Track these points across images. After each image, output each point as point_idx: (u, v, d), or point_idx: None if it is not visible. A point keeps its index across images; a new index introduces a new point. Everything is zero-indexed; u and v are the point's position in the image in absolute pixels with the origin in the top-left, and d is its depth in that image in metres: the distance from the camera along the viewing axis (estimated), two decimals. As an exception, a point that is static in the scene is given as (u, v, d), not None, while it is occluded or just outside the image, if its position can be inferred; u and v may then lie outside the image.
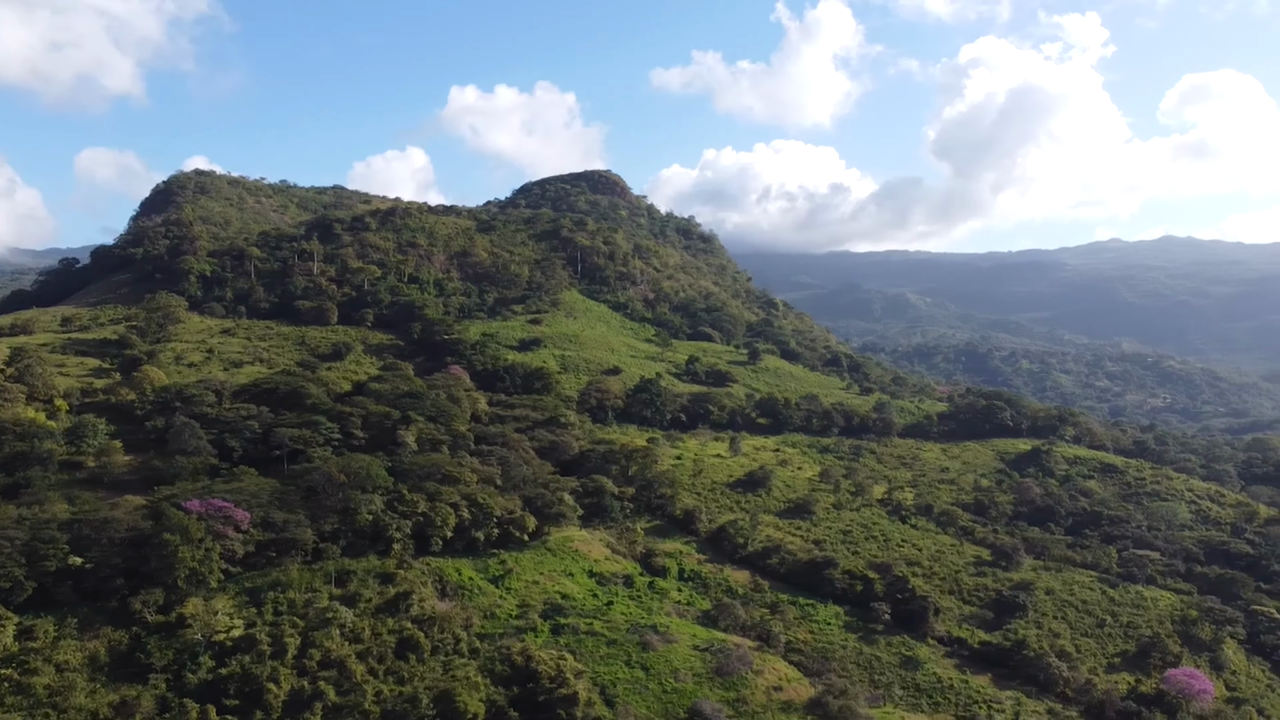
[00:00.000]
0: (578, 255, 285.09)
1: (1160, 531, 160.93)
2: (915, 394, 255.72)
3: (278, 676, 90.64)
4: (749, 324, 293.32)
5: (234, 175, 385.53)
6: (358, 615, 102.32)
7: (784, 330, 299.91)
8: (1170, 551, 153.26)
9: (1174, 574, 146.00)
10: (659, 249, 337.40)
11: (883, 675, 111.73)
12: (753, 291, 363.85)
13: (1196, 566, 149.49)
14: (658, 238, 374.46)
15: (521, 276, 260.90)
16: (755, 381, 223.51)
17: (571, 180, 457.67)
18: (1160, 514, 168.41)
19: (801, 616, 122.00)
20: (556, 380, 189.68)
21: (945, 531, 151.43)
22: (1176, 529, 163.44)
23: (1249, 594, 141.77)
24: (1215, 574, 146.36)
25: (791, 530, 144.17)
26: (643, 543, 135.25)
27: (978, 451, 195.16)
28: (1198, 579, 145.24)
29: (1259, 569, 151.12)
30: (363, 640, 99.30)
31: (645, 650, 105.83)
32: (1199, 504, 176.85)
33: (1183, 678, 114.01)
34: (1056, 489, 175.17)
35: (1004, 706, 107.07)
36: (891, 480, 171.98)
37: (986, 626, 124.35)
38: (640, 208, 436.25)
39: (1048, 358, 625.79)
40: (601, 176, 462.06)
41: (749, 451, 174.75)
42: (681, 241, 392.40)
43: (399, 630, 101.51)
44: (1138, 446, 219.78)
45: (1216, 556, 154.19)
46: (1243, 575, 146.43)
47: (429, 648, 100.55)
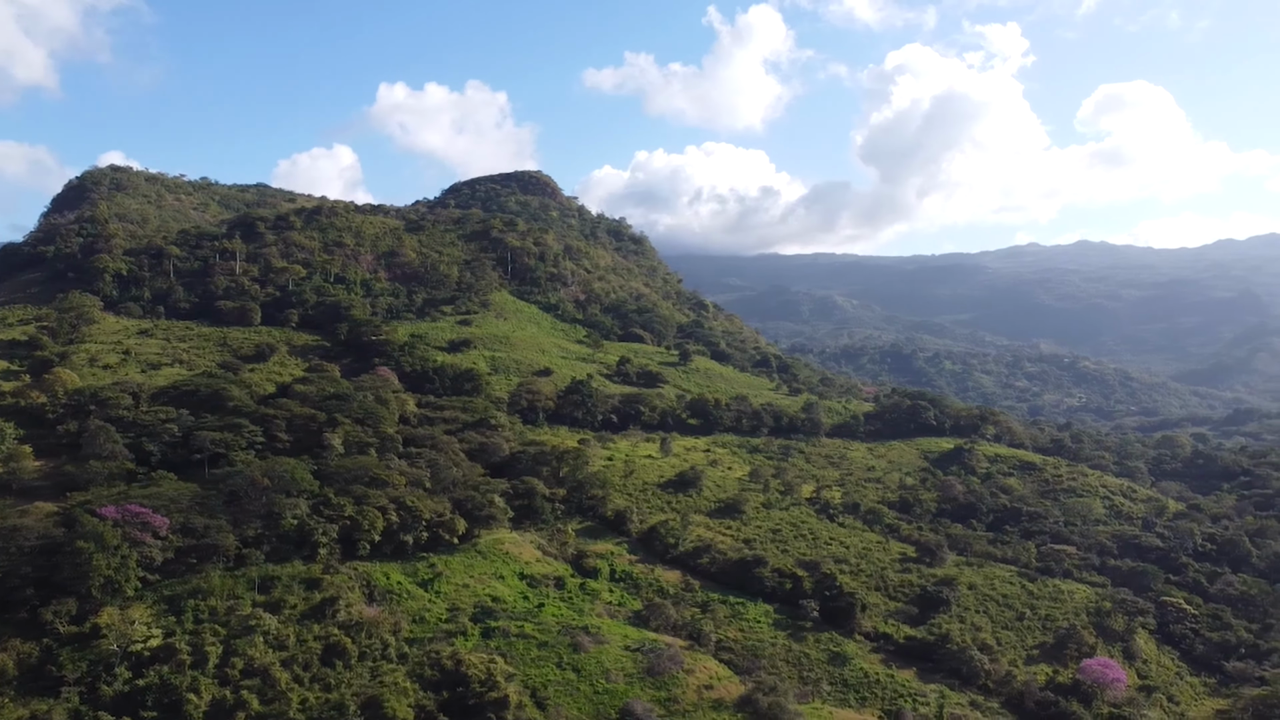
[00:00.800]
0: (508, 256, 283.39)
1: (1076, 527, 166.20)
2: (843, 394, 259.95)
3: (198, 686, 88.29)
4: (680, 325, 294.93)
5: (152, 172, 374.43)
6: (282, 622, 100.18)
7: (714, 331, 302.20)
8: (1086, 546, 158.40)
9: (1089, 567, 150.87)
10: (590, 250, 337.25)
11: (811, 671, 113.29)
12: (683, 293, 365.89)
13: (1110, 560, 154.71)
14: (589, 239, 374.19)
15: (451, 277, 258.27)
16: (686, 382, 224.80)
17: (502, 180, 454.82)
18: (1076, 510, 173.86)
19: (732, 615, 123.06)
20: (487, 382, 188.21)
21: (872, 529, 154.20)
22: (1091, 524, 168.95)
23: (1159, 585, 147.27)
24: (1128, 567, 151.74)
25: (722, 530, 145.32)
26: (574, 544, 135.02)
27: (903, 450, 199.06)
28: (1111, 572, 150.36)
29: (1168, 561, 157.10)
30: (287, 647, 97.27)
31: (577, 652, 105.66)
32: (1112, 499, 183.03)
33: (1097, 667, 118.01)
34: (978, 486, 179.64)
35: (928, 699, 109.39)
36: (820, 479, 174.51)
37: (912, 621, 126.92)
38: (571, 209, 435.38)
39: (970, 359, 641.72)
40: (532, 177, 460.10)
41: (680, 452, 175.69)
42: (612, 243, 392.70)
43: (325, 636, 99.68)
44: (1055, 445, 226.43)
45: (1129, 550, 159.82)
46: (1153, 567, 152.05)
47: (356, 654, 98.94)
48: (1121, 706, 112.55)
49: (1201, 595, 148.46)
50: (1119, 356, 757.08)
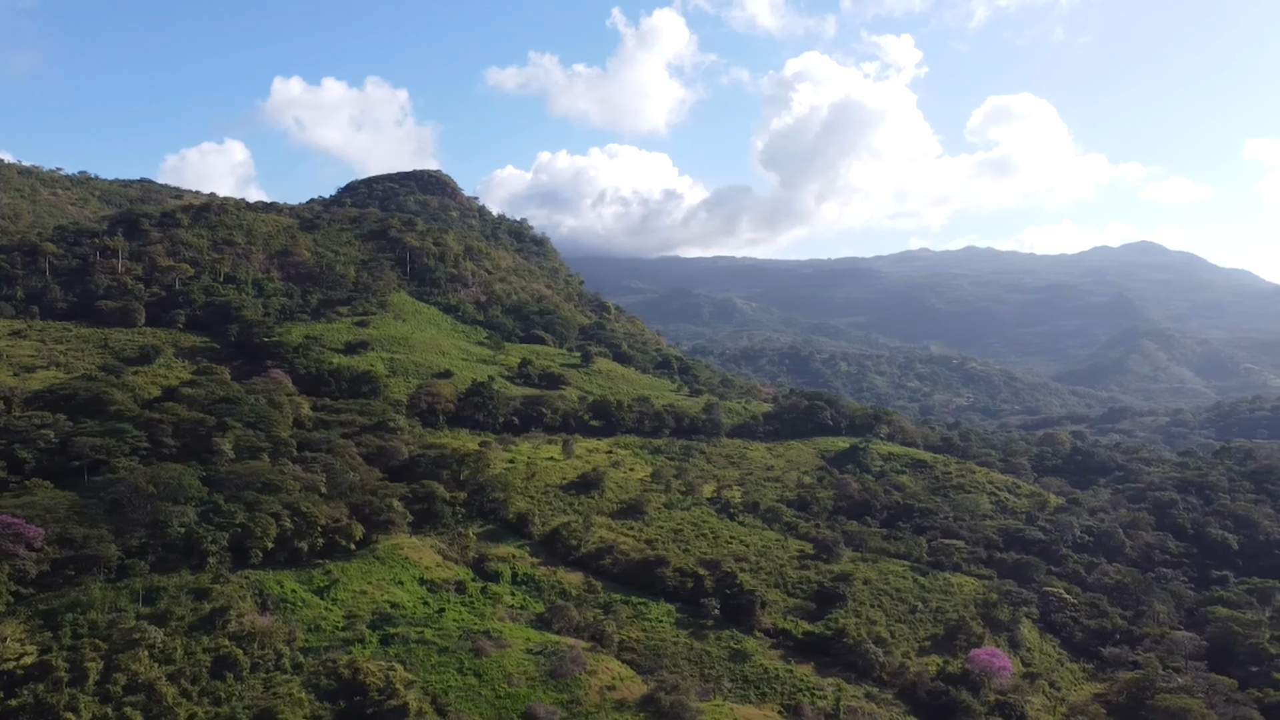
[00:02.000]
0: (407, 256, 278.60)
1: (965, 521, 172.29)
2: (742, 395, 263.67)
3: (77, 705, 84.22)
4: (582, 327, 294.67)
5: (26, 164, 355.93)
6: (169, 634, 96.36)
7: (616, 333, 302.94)
8: (974, 540, 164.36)
9: (977, 560, 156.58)
10: (491, 251, 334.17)
11: (713, 669, 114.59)
12: (585, 295, 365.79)
13: (996, 553, 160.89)
14: (489, 240, 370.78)
15: (348, 277, 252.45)
16: (588, 384, 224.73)
17: (400, 179, 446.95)
18: (965, 505, 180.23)
19: (634, 615, 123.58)
20: (385, 384, 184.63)
21: (771, 527, 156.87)
22: (979, 519, 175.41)
23: (1041, 576, 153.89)
24: (1012, 559, 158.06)
25: (624, 531, 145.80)
26: (475, 548, 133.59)
27: (801, 450, 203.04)
28: (997, 564, 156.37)
29: (1050, 553, 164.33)
30: (174, 661, 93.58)
31: (478, 656, 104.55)
32: (998, 495, 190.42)
33: (985, 657, 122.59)
34: (873, 484, 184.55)
35: (826, 693, 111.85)
36: (720, 479, 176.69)
37: (809, 617, 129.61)
38: (472, 209, 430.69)
39: (864, 360, 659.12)
40: (432, 176, 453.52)
41: (582, 453, 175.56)
42: (514, 244, 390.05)
43: (215, 648, 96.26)
44: (945, 443, 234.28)
45: (1014, 543, 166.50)
46: (1036, 559, 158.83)
47: (248, 665, 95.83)
48: (1007, 694, 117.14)
49: (1080, 585, 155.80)
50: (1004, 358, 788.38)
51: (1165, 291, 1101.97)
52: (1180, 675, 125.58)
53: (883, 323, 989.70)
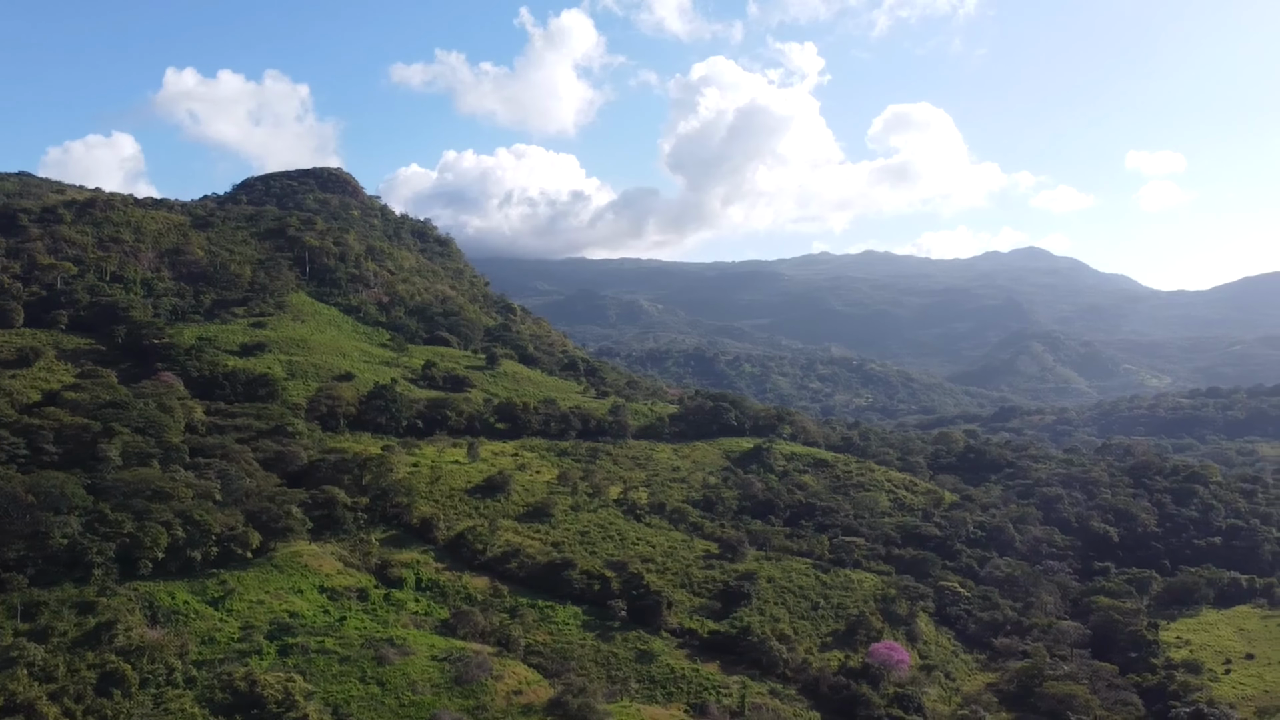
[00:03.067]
0: (306, 256, 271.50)
1: (865, 519, 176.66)
2: (649, 397, 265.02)
3: (-51, 728, 79.51)
4: (487, 329, 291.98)
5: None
6: (50, 651, 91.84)
7: (522, 335, 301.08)
8: (873, 537, 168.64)
9: (876, 557, 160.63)
10: (394, 251, 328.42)
11: (620, 670, 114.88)
12: (491, 296, 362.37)
13: (895, 549, 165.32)
14: (392, 239, 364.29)
15: (243, 277, 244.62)
16: (494, 386, 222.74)
17: (299, 177, 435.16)
18: (864, 503, 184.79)
19: (541, 619, 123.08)
20: (283, 387, 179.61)
21: (677, 528, 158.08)
22: (878, 516, 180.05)
23: (937, 571, 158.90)
24: (910, 555, 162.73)
25: (531, 534, 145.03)
26: (378, 554, 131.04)
27: (706, 450, 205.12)
28: (896, 560, 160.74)
29: (945, 548, 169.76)
30: (56, 679, 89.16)
31: (381, 665, 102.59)
32: (896, 492, 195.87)
33: (884, 650, 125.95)
34: (776, 484, 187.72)
35: (731, 690, 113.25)
36: (627, 481, 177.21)
37: (715, 616, 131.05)
38: (374, 208, 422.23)
39: (768, 361, 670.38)
40: (332, 174, 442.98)
41: (488, 457, 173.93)
42: (417, 244, 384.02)
43: (100, 664, 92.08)
44: (845, 442, 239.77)
45: (911, 539, 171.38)
46: (932, 555, 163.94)
47: (137, 681, 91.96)
48: (905, 686, 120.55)
49: (973, 578, 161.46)
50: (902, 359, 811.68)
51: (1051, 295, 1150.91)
52: (1066, 663, 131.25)
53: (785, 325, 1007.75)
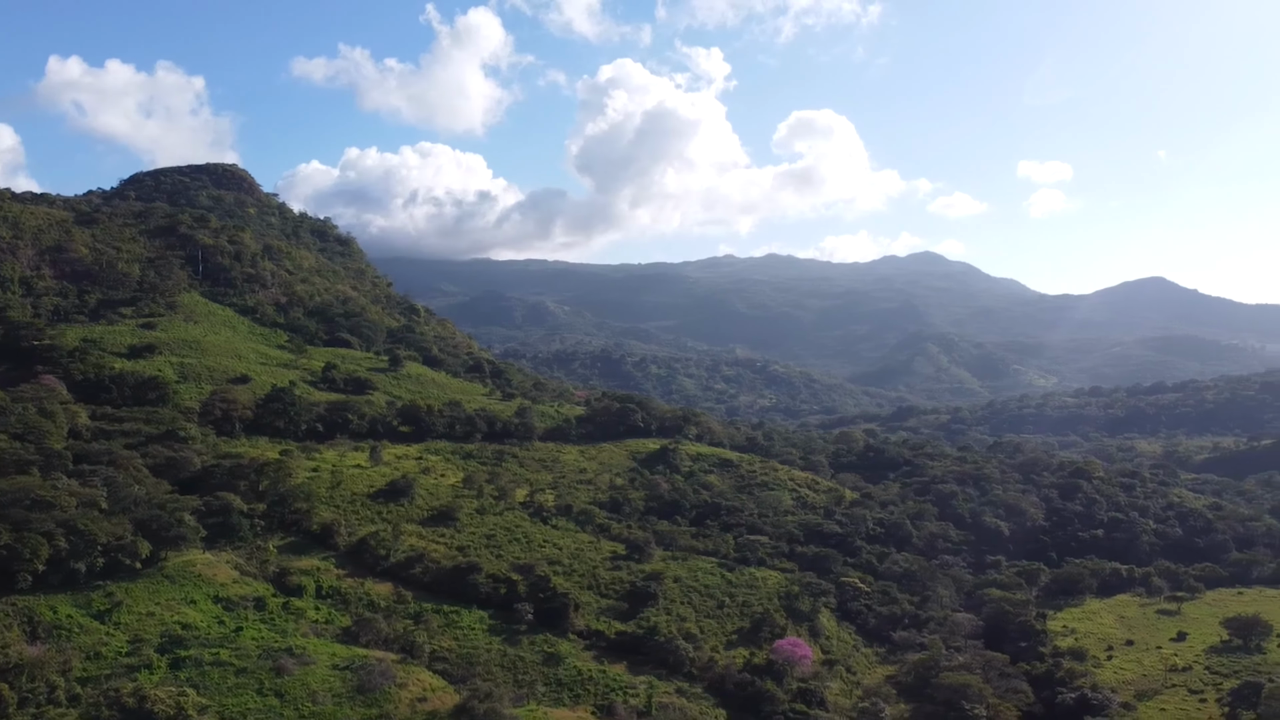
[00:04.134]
0: (199, 255, 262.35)
1: (769, 518, 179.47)
2: (555, 398, 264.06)
3: None
4: (390, 330, 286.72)
5: None
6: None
7: (426, 337, 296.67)
8: (777, 535, 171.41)
9: (780, 555, 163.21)
10: (292, 250, 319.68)
11: (526, 674, 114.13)
12: (394, 297, 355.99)
13: (798, 547, 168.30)
14: (291, 239, 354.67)
15: (131, 276, 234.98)
16: (397, 389, 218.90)
17: (191, 173, 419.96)
18: (768, 502, 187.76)
19: (446, 624, 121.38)
20: (174, 390, 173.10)
21: (584, 530, 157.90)
22: (781, 514, 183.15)
23: (838, 568, 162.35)
24: (812, 552, 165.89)
25: (435, 538, 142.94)
26: (276, 561, 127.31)
27: (613, 452, 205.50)
28: (799, 558, 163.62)
29: (846, 545, 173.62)
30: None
31: (279, 675, 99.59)
32: (799, 491, 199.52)
33: (788, 647, 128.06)
34: (682, 484, 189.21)
35: (638, 691, 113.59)
36: (533, 483, 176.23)
37: (622, 617, 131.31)
38: (271, 206, 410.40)
39: (674, 363, 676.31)
40: (227, 170, 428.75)
41: (391, 460, 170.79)
42: (317, 244, 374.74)
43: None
44: (749, 442, 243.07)
45: (813, 536, 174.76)
46: (833, 552, 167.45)
47: (15, 701, 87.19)
48: (808, 681, 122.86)
49: (873, 574, 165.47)
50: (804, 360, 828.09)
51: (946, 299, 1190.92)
52: (960, 654, 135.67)
53: (691, 326, 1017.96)
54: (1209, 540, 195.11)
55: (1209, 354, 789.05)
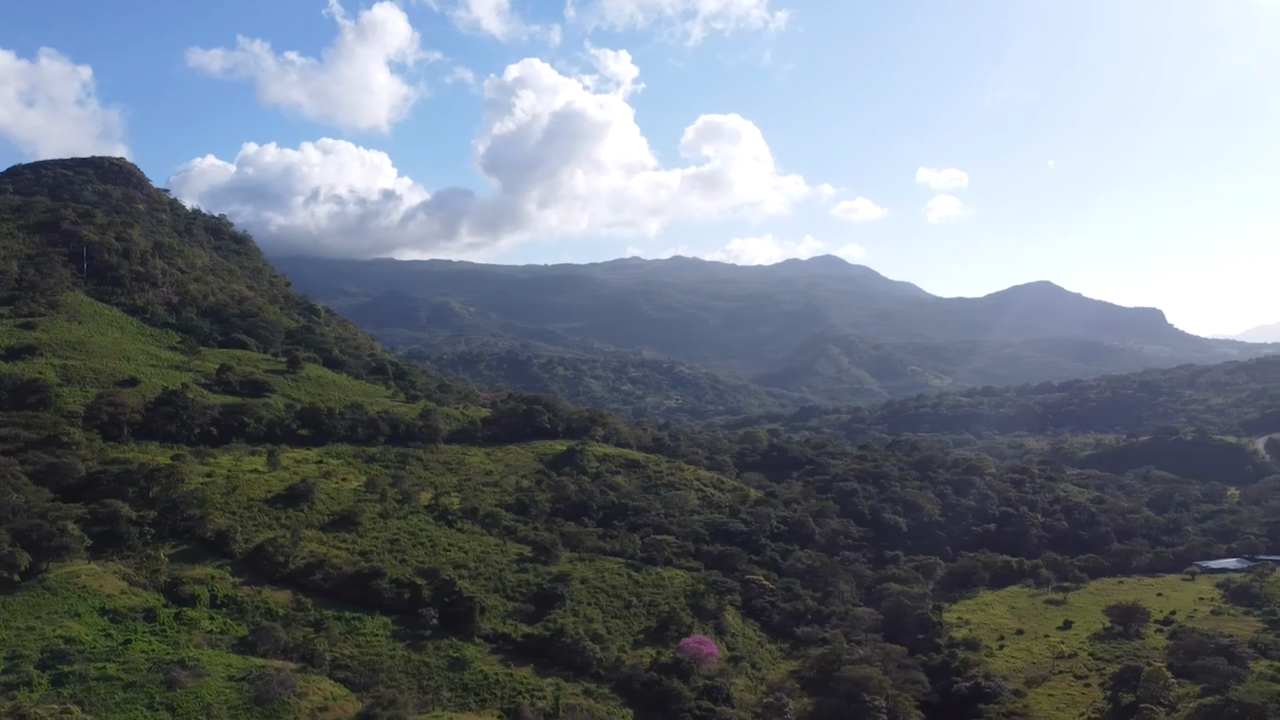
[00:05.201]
0: (84, 252, 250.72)
1: (675, 517, 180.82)
2: (460, 400, 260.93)
3: None
4: (289, 331, 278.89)
5: None
6: None
7: (327, 338, 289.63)
8: (683, 534, 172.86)
9: (686, 554, 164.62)
10: (185, 249, 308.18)
11: (431, 680, 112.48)
12: (293, 297, 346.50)
13: (704, 545, 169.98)
14: (183, 236, 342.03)
15: (9, 274, 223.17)
16: (296, 391, 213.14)
17: (76, 166, 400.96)
18: (675, 502, 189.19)
19: (348, 631, 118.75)
20: (57, 393, 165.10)
21: (490, 532, 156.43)
22: (688, 514, 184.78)
23: (743, 565, 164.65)
24: (718, 550, 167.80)
25: (337, 543, 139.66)
26: (167, 571, 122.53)
27: (519, 454, 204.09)
28: (705, 556, 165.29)
29: (751, 543, 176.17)
30: None
31: (171, 689, 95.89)
32: (705, 491, 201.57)
33: (694, 645, 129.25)
34: (589, 485, 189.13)
35: (545, 693, 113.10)
36: (438, 486, 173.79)
37: (529, 619, 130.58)
38: (162, 202, 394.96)
39: (580, 364, 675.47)
40: (114, 164, 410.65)
41: (289, 464, 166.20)
42: (212, 241, 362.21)
43: None
44: (656, 443, 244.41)
45: (719, 535, 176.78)
46: (738, 550, 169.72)
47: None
48: (714, 678, 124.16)
49: (777, 571, 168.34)
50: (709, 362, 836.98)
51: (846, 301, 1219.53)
52: (861, 647, 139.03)
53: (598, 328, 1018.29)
54: (1092, 532, 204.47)
55: (1092, 355, 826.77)
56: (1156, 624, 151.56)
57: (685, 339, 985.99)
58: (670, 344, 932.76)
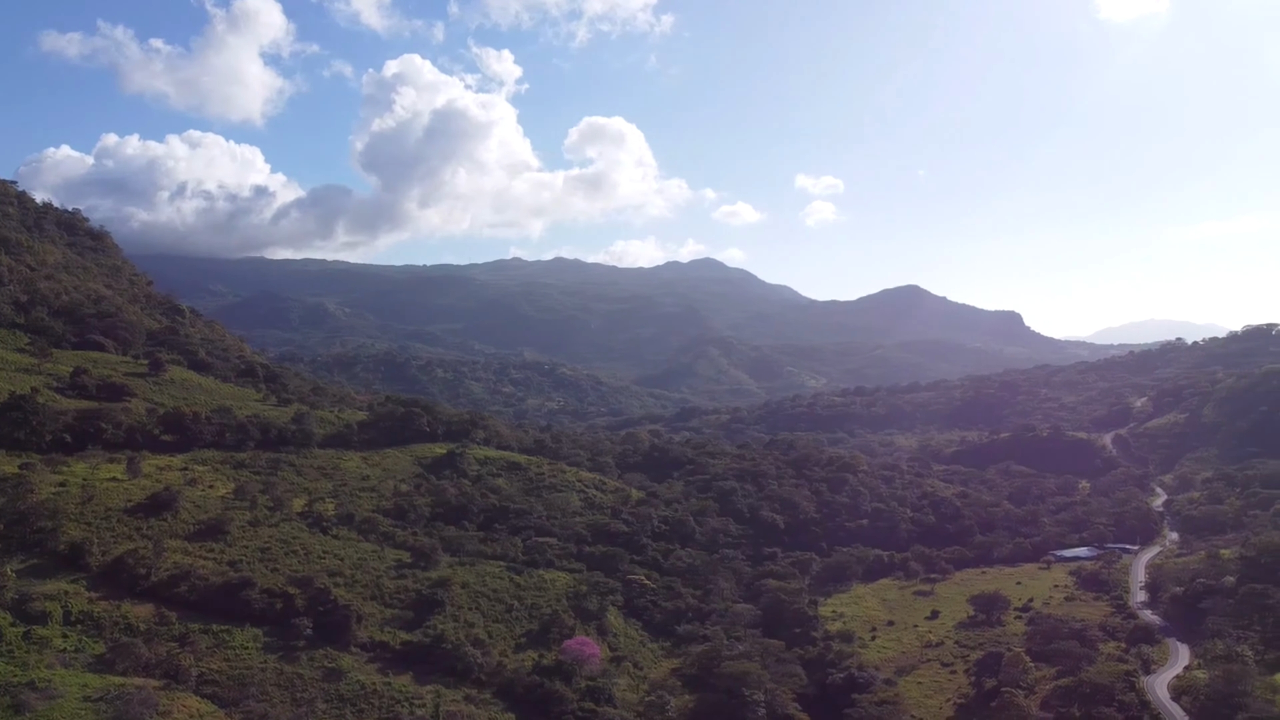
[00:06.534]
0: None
1: (557, 519, 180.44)
2: (336, 403, 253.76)
3: None
4: (151, 332, 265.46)
5: None
6: None
7: (193, 339, 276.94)
8: (565, 536, 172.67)
9: (569, 555, 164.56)
10: (34, 245, 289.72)
11: (305, 692, 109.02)
12: (155, 297, 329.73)
13: (586, 547, 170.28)
14: (33, 231, 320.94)
15: None
16: (159, 395, 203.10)
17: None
18: (557, 504, 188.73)
19: (216, 644, 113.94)
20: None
21: (367, 539, 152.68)
22: (570, 516, 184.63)
23: (625, 566, 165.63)
24: (600, 551, 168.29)
25: (203, 553, 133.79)
26: (15, 586, 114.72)
27: (397, 458, 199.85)
28: (587, 557, 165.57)
29: (633, 543, 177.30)
30: None
31: (19, 713, 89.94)
32: (587, 492, 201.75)
33: (576, 646, 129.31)
34: (470, 488, 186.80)
35: (425, 701, 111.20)
36: (312, 492, 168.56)
37: (408, 626, 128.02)
38: (8, 195, 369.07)
39: (461, 366, 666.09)
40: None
41: (152, 472, 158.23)
42: (65, 237, 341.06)
43: None
44: (538, 445, 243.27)
45: (601, 536, 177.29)
46: (620, 550, 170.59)
47: None
48: (597, 679, 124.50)
49: (659, 570, 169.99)
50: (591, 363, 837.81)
51: (725, 304, 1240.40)
52: (741, 643, 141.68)
53: (479, 330, 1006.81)
54: (958, 525, 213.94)
55: (956, 356, 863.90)
56: (1016, 611, 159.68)
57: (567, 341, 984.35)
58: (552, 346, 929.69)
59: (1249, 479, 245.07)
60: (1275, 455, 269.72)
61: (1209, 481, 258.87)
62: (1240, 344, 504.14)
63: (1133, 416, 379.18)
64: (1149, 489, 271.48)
